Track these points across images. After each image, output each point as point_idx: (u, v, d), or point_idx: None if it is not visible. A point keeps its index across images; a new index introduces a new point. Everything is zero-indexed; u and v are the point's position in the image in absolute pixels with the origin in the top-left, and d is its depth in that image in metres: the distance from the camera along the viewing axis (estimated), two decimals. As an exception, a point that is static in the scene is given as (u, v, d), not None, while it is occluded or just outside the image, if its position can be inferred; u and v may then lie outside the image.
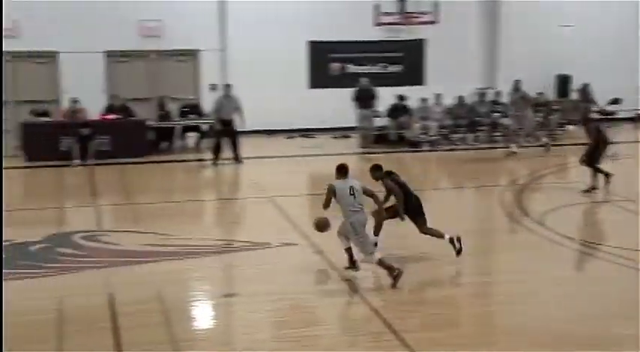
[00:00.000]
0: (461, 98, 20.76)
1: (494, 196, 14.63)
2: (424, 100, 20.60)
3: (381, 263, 9.32)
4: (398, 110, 20.49)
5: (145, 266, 10.22)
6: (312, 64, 22.29)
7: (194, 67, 21.70)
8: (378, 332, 7.97)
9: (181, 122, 19.67)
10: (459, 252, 10.13)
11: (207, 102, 20.63)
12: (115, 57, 21.07)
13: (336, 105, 20.83)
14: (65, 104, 19.78)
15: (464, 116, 20.63)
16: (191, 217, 12.85)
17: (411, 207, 10.24)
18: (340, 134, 21.46)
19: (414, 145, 19.98)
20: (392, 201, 10.40)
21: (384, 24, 21.95)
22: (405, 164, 18.80)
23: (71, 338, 7.83)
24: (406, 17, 21.96)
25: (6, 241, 10.95)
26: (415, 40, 22.61)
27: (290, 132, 21.69)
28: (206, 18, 21.17)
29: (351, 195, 9.40)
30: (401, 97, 20.59)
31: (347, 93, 20.16)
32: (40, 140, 17.91)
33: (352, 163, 18.48)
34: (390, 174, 10.46)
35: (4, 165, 17.40)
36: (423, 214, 10.30)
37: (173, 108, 20.05)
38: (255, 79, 20.94)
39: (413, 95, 20.69)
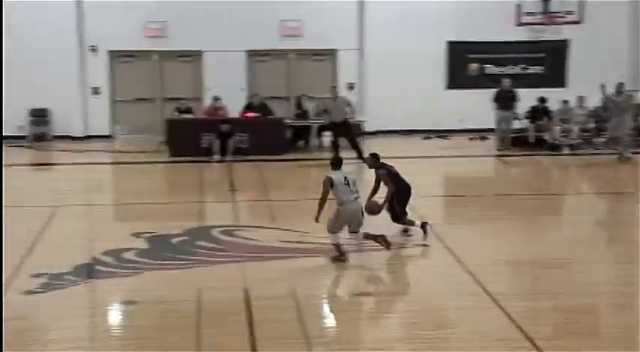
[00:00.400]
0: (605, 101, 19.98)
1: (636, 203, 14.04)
2: (565, 103, 19.98)
3: (366, 236, 10.32)
4: (538, 112, 19.96)
5: (280, 262, 10.41)
6: (451, 64, 22.04)
7: (332, 66, 21.92)
8: (511, 338, 7.80)
9: (318, 121, 19.88)
10: (423, 229, 11.15)
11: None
12: (255, 56, 21.59)
13: (474, 106, 20.52)
14: (207, 102, 20.43)
15: (608, 119, 19.83)
16: (326, 215, 12.96)
17: (401, 199, 11.14)
18: (477, 135, 21.13)
19: (554, 149, 19.40)
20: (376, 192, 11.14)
21: (526, 24, 21.40)
22: (543, 167, 18.31)
23: (207, 329, 8.07)
24: (550, 17, 21.33)
25: (150, 233, 11.45)
26: (558, 40, 21.94)
27: (426, 133, 21.54)
28: (345, 18, 21.33)
29: (345, 184, 10.06)
30: (542, 99, 20.04)
31: (485, 95, 19.82)
32: (182, 136, 18.53)
33: (489, 165, 18.45)
34: (384, 165, 11.24)
35: (152, 159, 18.18)
36: (405, 205, 11.22)
37: (310, 107, 20.31)
38: (392, 79, 20.94)
39: (554, 97, 20.09)
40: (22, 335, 7.92)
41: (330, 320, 8.71)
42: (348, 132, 18.13)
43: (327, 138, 19.65)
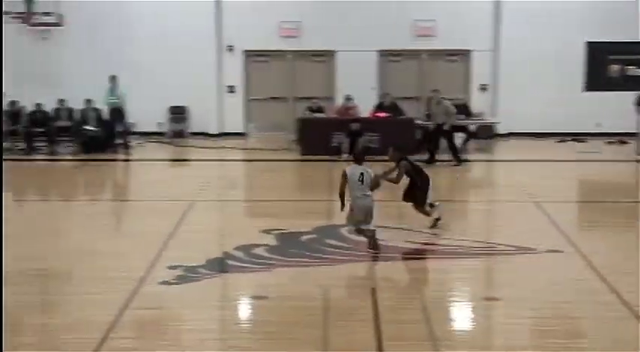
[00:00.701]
0: None
1: None
2: None
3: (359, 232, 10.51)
4: (683, 116, 19.00)
5: (406, 262, 10.38)
6: (590, 65, 21.30)
7: (465, 67, 21.64)
8: (649, 352, 7.47)
9: (427, 123, 19.62)
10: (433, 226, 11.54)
11: (477, 102, 20.55)
12: (387, 56, 21.58)
13: (614, 109, 19.79)
14: (339, 101, 20.58)
15: None
16: (453, 217, 12.82)
17: (421, 189, 11.69)
18: (616, 139, 20.34)
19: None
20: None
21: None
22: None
23: (334, 327, 8.13)
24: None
25: (280, 230, 11.64)
26: None
27: (561, 136, 20.93)
28: (479, 17, 21.02)
29: (359, 180, 10.28)
30: (687, 102, 19.08)
31: (626, 97, 19.05)
32: (313, 135, 18.75)
33: (629, 171, 17.73)
34: (407, 158, 11.65)
35: (284, 157, 18.49)
36: (426, 197, 11.66)
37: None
38: (527, 80, 20.49)
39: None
40: (158, 324, 8.22)
41: (457, 323, 8.60)
42: (447, 135, 17.80)
43: (458, 139, 19.40)
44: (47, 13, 19.57)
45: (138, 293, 8.99)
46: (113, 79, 19.06)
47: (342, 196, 10.49)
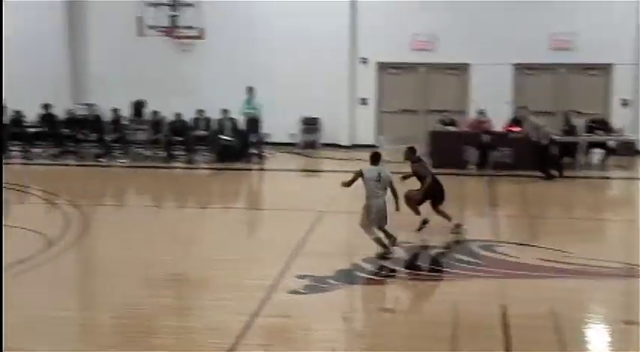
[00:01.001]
0: None
1: None
2: None
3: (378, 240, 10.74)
4: None
5: (540, 281, 10.09)
6: None
7: (606, 81, 20.91)
8: None
9: (587, 137, 19.04)
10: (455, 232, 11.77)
11: (618, 118, 19.84)
12: (523, 69, 21.15)
13: None
14: (472, 115, 20.32)
15: None
16: (592, 236, 12.41)
17: (436, 191, 12.12)
18: None
19: None
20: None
21: None
22: None
23: (461, 344, 8.01)
24: None
25: (409, 243, 11.59)
26: None
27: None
28: (622, 30, 20.29)
29: (376, 181, 10.70)
30: None
31: None
32: (445, 148, 18.57)
33: None
34: (420, 159, 12.25)
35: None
36: (443, 198, 12.19)
37: (579, 122, 19.49)
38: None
39: None
40: (287, 332, 8.34)
41: (592, 347, 8.30)
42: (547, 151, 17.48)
43: (597, 155, 18.76)
44: (189, 27, 20.29)
45: (268, 301, 9.15)
46: (250, 90, 19.56)
47: (346, 185, 10.97)
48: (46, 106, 19.56)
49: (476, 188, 16.90)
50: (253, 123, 19.59)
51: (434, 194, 12.23)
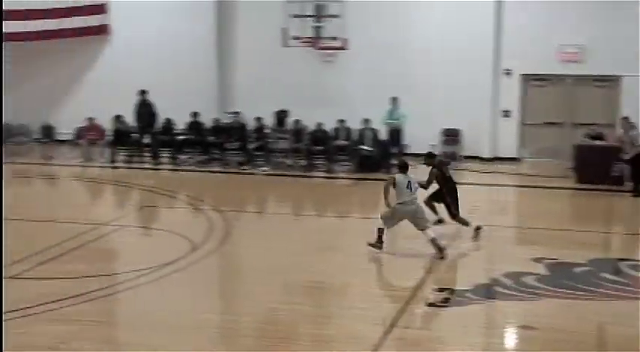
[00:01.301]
0: None
1: None
2: None
3: (432, 241, 11.29)
4: None
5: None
6: None
7: None
8: None
9: None
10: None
11: None
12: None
13: None
14: (620, 129, 19.52)
15: None
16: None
17: (451, 197, 12.42)
18: None
19: None
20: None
21: None
22: None
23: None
24: None
25: (551, 259, 11.27)
26: None
27: None
28: None
29: (407, 188, 11.24)
30: None
31: None
32: (591, 163, 17.92)
33: None
34: (439, 165, 12.59)
35: (558, 185, 17.90)
36: (457, 205, 12.45)
37: None
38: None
39: None
40: (423, 345, 8.30)
41: None
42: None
43: None
44: (333, 38, 20.55)
45: (406, 312, 9.13)
46: (394, 100, 19.59)
47: (385, 195, 11.40)
48: (195, 114, 20.30)
49: (627, 205, 16.19)
50: (395, 133, 19.59)
51: (447, 200, 12.58)
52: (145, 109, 20.31)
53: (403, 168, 11.65)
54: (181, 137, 20.20)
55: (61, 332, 8.58)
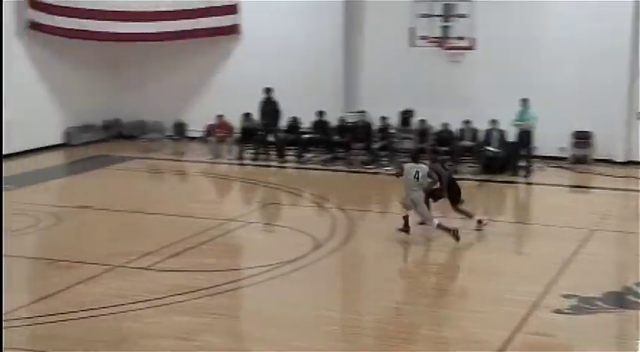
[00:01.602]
0: None
1: None
2: None
3: (439, 226, 12.12)
4: None
5: None
6: None
7: None
8: None
9: None
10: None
11: None
12: None
13: None
14: None
15: None
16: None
17: (452, 191, 12.90)
18: None
19: None
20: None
21: None
22: None
23: None
24: None
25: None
26: None
27: None
28: None
29: (414, 178, 12.15)
30: None
31: None
32: None
33: None
34: (442, 163, 13.60)
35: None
36: (459, 197, 12.99)
37: None
38: None
39: None
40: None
41: None
42: None
43: None
44: (461, 38, 20.27)
45: (530, 318, 8.92)
46: (524, 102, 19.12)
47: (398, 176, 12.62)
48: (320, 113, 20.48)
49: None
50: (525, 135, 19.10)
51: (450, 194, 12.99)
52: (270, 107, 20.63)
53: (414, 158, 13.01)
54: (306, 136, 20.41)
55: (188, 323, 8.85)
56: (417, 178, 12.22)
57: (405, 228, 12.45)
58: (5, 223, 13.08)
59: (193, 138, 22.16)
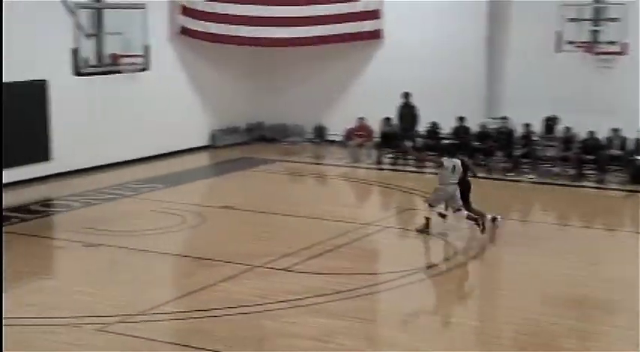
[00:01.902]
0: None
1: None
2: None
3: (468, 217, 12.85)
4: None
5: None
6: None
7: None
8: None
9: None
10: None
11: None
12: None
13: None
14: None
15: None
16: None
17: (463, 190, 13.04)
18: None
19: None
20: None
21: None
22: None
23: None
24: None
25: None
26: None
27: None
28: None
29: (451, 171, 12.77)
30: None
31: None
32: None
33: None
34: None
35: None
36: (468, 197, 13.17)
37: None
38: None
39: None
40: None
41: None
42: None
43: None
44: (611, 43, 19.54)
45: (679, 338, 8.51)
46: (677, 109, 18.24)
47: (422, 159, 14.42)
48: (461, 119, 20.25)
49: None
50: (677, 144, 18.23)
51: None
52: (408, 111, 20.62)
53: (451, 153, 13.52)
54: (446, 141, 20.23)
55: (324, 325, 8.99)
56: (453, 172, 12.85)
57: (426, 229, 12.98)
58: (153, 221, 13.84)
59: (333, 142, 22.42)
